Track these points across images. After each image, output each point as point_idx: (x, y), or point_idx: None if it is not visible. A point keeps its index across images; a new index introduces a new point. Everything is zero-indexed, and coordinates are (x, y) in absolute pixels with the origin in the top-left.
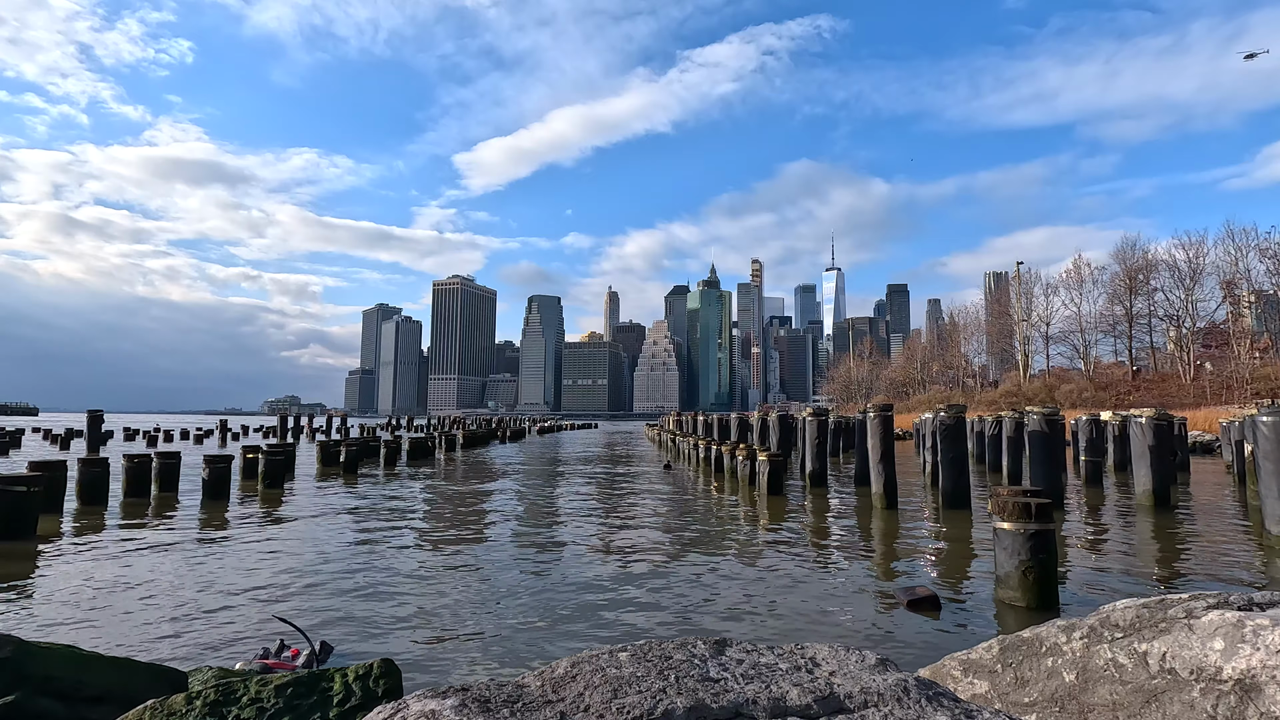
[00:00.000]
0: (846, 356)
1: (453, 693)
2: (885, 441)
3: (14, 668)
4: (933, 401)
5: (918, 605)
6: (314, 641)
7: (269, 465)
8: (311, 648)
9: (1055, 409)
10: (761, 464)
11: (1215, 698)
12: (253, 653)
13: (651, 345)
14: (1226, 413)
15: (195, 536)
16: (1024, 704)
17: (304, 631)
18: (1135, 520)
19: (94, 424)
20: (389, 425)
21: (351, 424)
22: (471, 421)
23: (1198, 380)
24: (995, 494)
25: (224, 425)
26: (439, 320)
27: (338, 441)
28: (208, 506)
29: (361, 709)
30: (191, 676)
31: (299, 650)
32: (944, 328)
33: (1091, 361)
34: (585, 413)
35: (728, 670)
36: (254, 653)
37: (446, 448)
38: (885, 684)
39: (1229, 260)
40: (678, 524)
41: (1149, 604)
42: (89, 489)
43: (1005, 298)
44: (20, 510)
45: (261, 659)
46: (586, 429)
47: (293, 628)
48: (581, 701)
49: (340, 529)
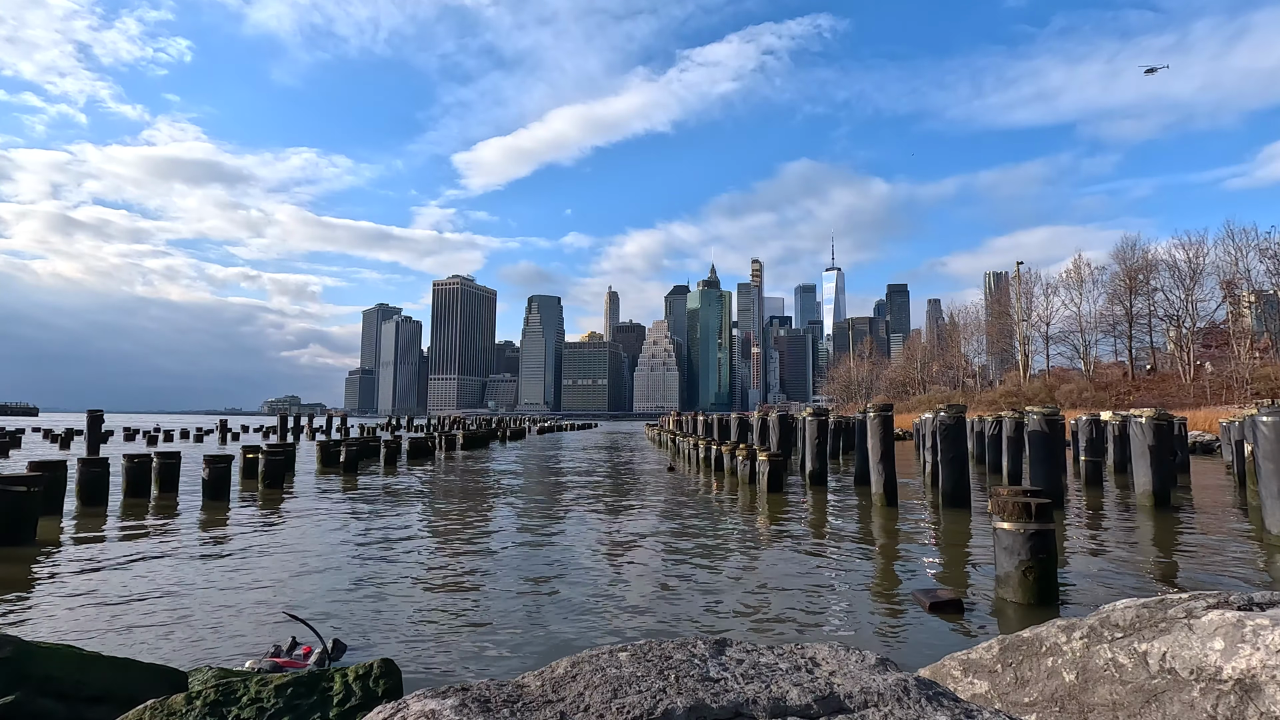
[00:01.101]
0: (846, 356)
1: (453, 692)
2: (885, 441)
3: (14, 668)
4: (933, 401)
5: (940, 608)
6: (326, 640)
7: (269, 465)
8: (324, 646)
9: (1055, 409)
10: (761, 464)
11: (1215, 697)
12: (263, 650)
13: (651, 345)
14: (1226, 413)
15: (195, 537)
16: (1024, 704)
17: (315, 629)
18: (1135, 520)
19: (94, 424)
20: (389, 425)
21: (351, 424)
22: (471, 421)
23: (1198, 380)
24: (995, 494)
25: (224, 425)
26: (439, 320)
27: (338, 441)
28: (208, 506)
29: (362, 709)
30: (191, 676)
31: (311, 649)
32: (944, 328)
33: (1091, 361)
34: (585, 413)
35: (728, 670)
36: (265, 650)
37: (446, 447)
38: (885, 684)
39: (1229, 260)
40: (678, 524)
41: (1149, 604)
42: (89, 489)
43: (1005, 298)
44: (20, 511)
45: (273, 657)
46: (586, 429)
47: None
48: (581, 701)
49: (340, 529)
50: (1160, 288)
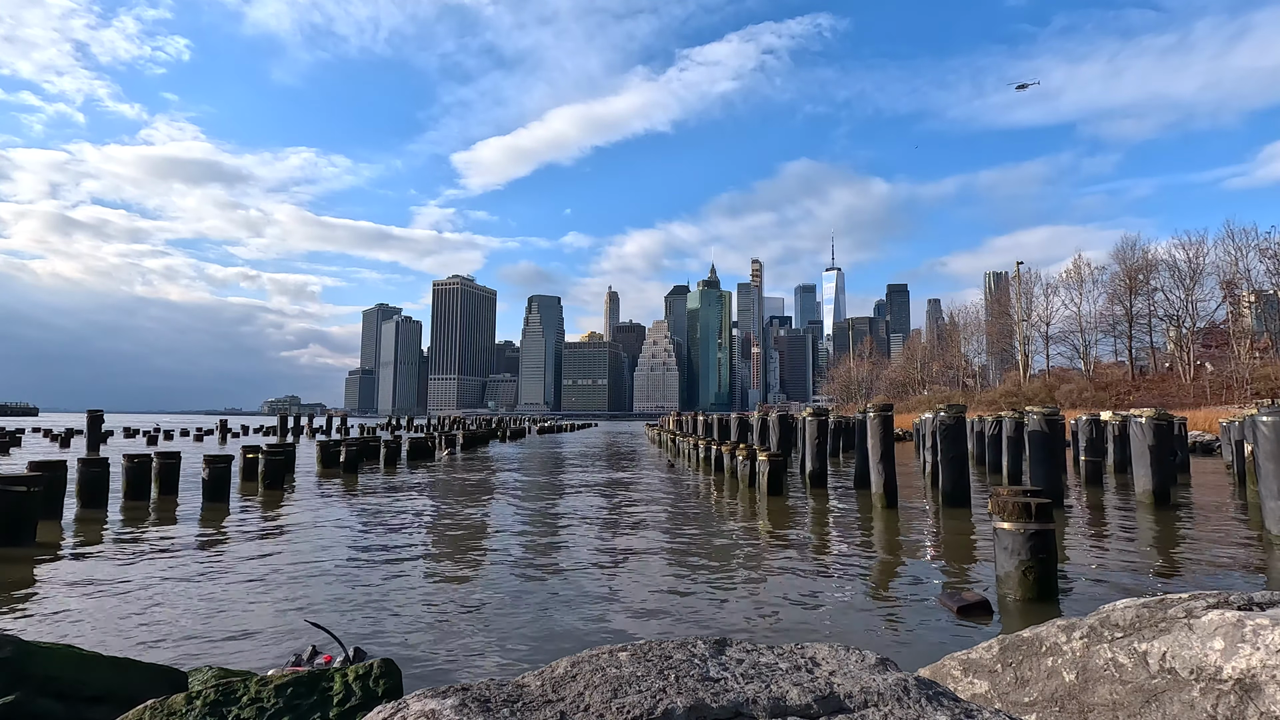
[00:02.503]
0: (846, 356)
1: (453, 692)
2: (885, 441)
3: (14, 668)
4: (933, 401)
5: (968, 611)
6: (347, 647)
7: (269, 465)
8: (345, 653)
9: (1055, 409)
10: (761, 464)
11: (1215, 697)
12: (284, 660)
13: (651, 345)
14: (1226, 413)
15: (195, 537)
16: (1024, 704)
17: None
18: (1135, 520)
19: (94, 424)
20: (389, 425)
21: (351, 424)
22: (471, 421)
23: (1198, 380)
24: (995, 494)
25: (224, 425)
26: (439, 320)
27: (338, 441)
28: (208, 507)
29: (362, 709)
30: (191, 676)
31: (332, 657)
32: (944, 328)
33: (1091, 361)
34: (585, 413)
35: (728, 670)
36: (285, 660)
37: (447, 447)
38: (885, 683)
39: (1229, 260)
40: (678, 524)
41: (1149, 604)
42: (89, 489)
43: (1005, 298)
44: (20, 511)
45: (294, 666)
46: (586, 429)
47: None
48: (581, 701)
49: (340, 529)
50: (1160, 288)
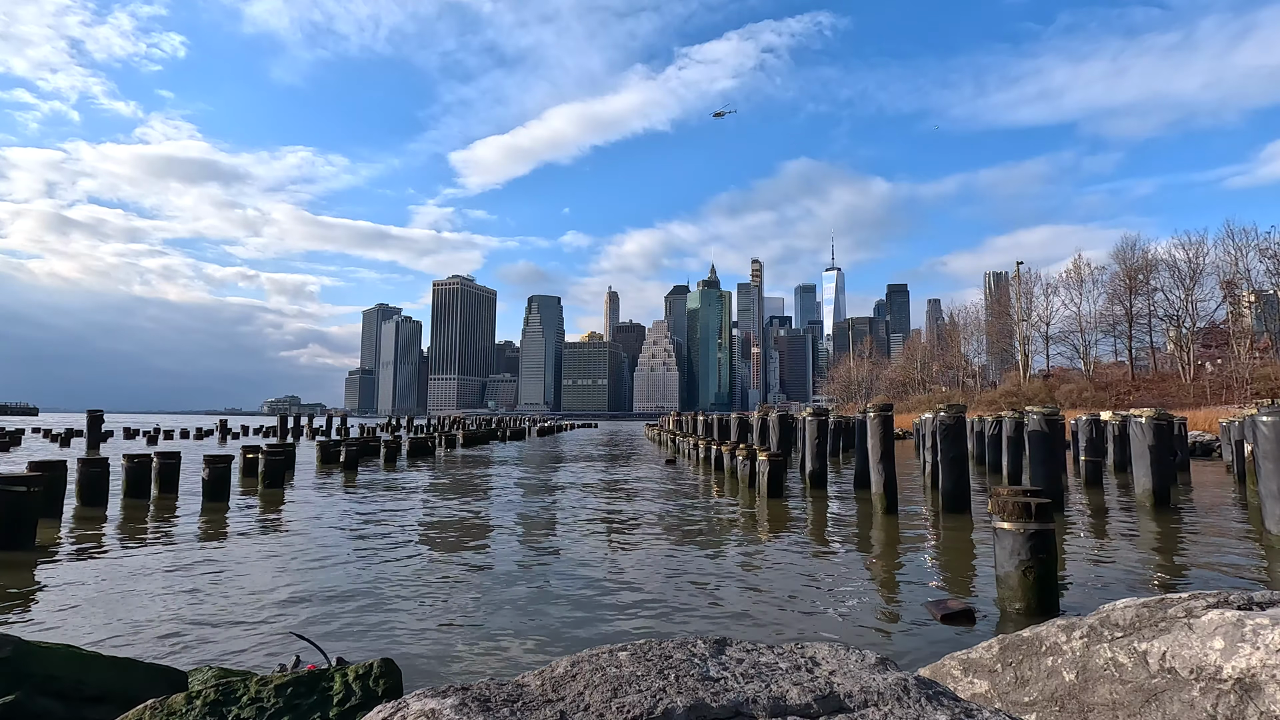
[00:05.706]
0: (846, 356)
1: (453, 692)
2: (885, 441)
3: (14, 667)
4: (933, 401)
5: (952, 618)
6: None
7: (269, 465)
8: (329, 664)
9: (1055, 409)
10: (761, 464)
11: (1215, 697)
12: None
13: (651, 345)
14: (1226, 413)
15: (196, 537)
16: (1024, 703)
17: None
18: (1135, 520)
19: (94, 424)
20: (389, 425)
21: (351, 424)
22: (471, 421)
23: (1198, 380)
24: (995, 494)
25: (224, 425)
26: (439, 320)
27: (338, 441)
28: (208, 507)
29: (361, 708)
30: (191, 676)
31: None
32: (944, 328)
33: (1091, 361)
34: (585, 413)
35: (728, 669)
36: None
37: (446, 447)
38: (885, 683)
39: (1229, 260)
40: (678, 524)
41: (1149, 603)
42: (89, 489)
43: (1005, 298)
44: (20, 511)
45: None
46: (586, 429)
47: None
48: (581, 701)
49: (340, 529)
50: (1160, 288)
